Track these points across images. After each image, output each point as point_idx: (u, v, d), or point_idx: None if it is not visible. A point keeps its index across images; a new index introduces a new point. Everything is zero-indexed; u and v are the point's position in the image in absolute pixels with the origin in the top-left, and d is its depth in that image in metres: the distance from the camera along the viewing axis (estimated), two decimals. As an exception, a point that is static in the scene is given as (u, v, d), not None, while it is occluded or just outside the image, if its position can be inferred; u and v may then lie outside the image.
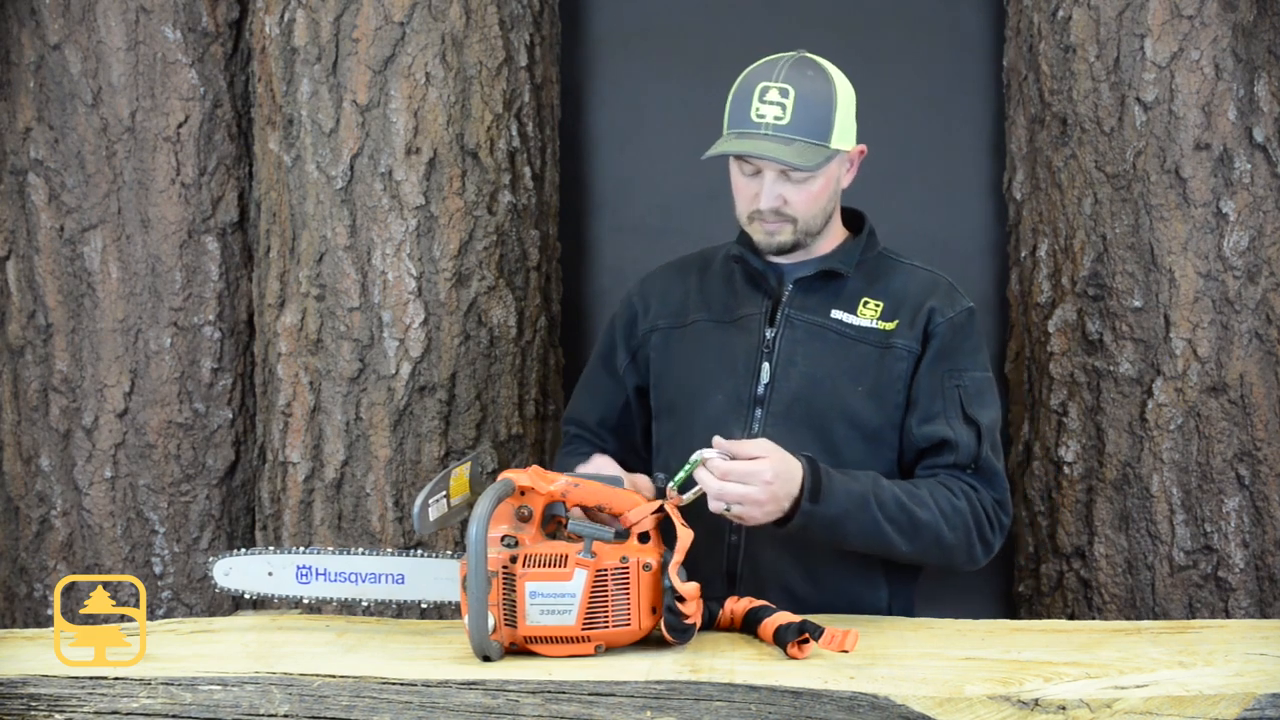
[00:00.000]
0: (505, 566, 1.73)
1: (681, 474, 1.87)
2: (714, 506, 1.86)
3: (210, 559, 2.02)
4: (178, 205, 3.04)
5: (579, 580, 1.73)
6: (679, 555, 1.76)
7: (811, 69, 2.09)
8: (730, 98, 2.12)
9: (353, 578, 1.99)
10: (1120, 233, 2.78)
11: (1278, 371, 2.74)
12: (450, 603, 1.98)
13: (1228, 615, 2.72)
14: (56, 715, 1.60)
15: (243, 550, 2.02)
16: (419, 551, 2.03)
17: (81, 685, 1.62)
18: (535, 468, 1.84)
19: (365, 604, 2.02)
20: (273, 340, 2.89)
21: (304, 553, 2.00)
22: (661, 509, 1.82)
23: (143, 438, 3.04)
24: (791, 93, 2.04)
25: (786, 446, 1.98)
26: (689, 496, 1.86)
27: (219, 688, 1.60)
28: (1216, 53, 2.72)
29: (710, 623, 1.85)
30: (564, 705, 1.55)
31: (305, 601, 2.02)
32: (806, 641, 1.68)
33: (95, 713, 1.60)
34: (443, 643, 1.83)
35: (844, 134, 2.11)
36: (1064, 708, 1.47)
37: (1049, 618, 2.90)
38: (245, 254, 3.12)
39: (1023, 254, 3.00)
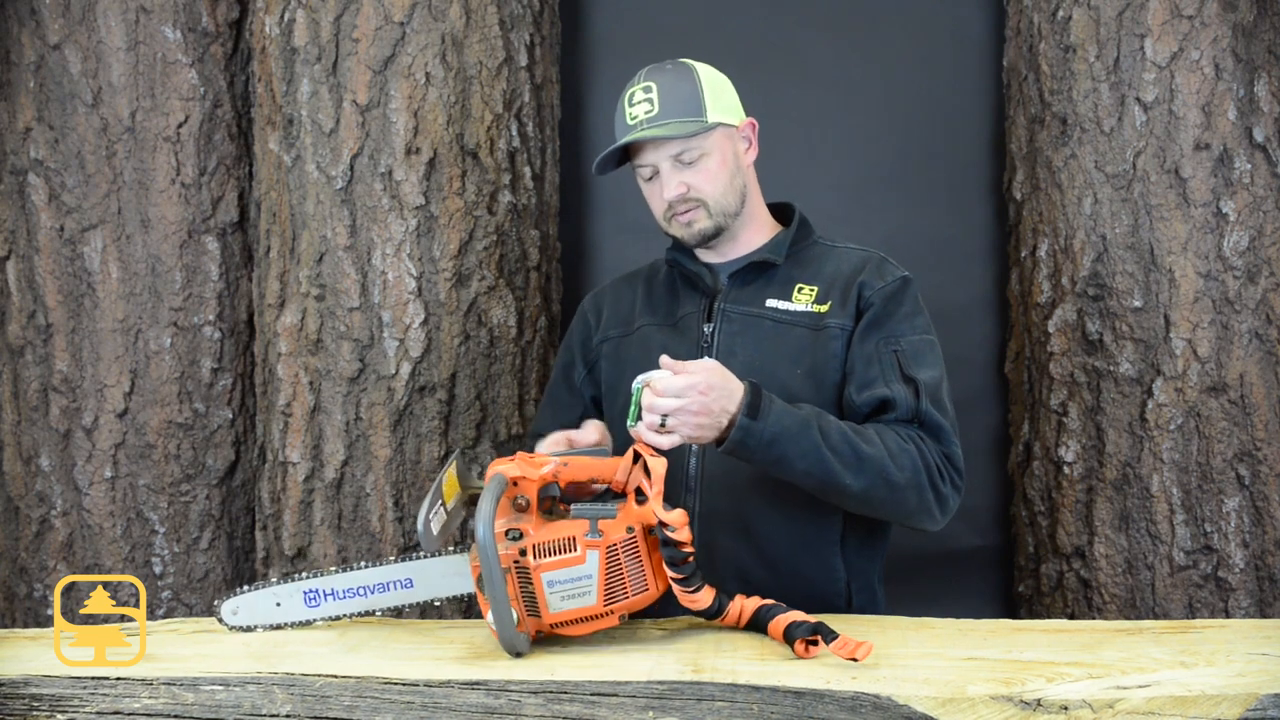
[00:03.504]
0: (516, 560, 1.75)
1: (632, 407, 1.88)
2: (647, 420, 1.86)
3: (215, 602, 2.00)
4: (178, 205, 3.04)
5: (592, 561, 1.74)
6: (658, 485, 1.77)
7: (670, 65, 2.18)
8: (614, 120, 2.21)
9: (361, 591, 1.98)
10: (1120, 233, 2.78)
11: (1278, 371, 2.74)
12: (461, 596, 1.98)
13: (1228, 615, 2.72)
14: (59, 715, 1.60)
15: (246, 588, 2.00)
16: (422, 554, 2.03)
17: (84, 685, 1.62)
18: (521, 455, 1.84)
19: (380, 612, 2.02)
20: (273, 340, 2.89)
21: (308, 577, 1.99)
22: (637, 455, 1.83)
23: (143, 438, 3.04)
24: (654, 87, 2.13)
25: None
26: (654, 435, 1.87)
27: (221, 688, 1.60)
28: (1216, 53, 2.72)
29: (719, 613, 1.84)
30: (566, 705, 1.54)
31: (318, 624, 2.01)
32: (816, 643, 1.68)
33: (97, 713, 1.59)
34: (445, 642, 1.83)
35: (722, 109, 2.16)
36: (1066, 708, 1.46)
37: (1049, 618, 2.90)
38: (245, 254, 3.12)
39: (1023, 254, 3.00)
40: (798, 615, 1.76)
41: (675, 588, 1.78)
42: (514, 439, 2.89)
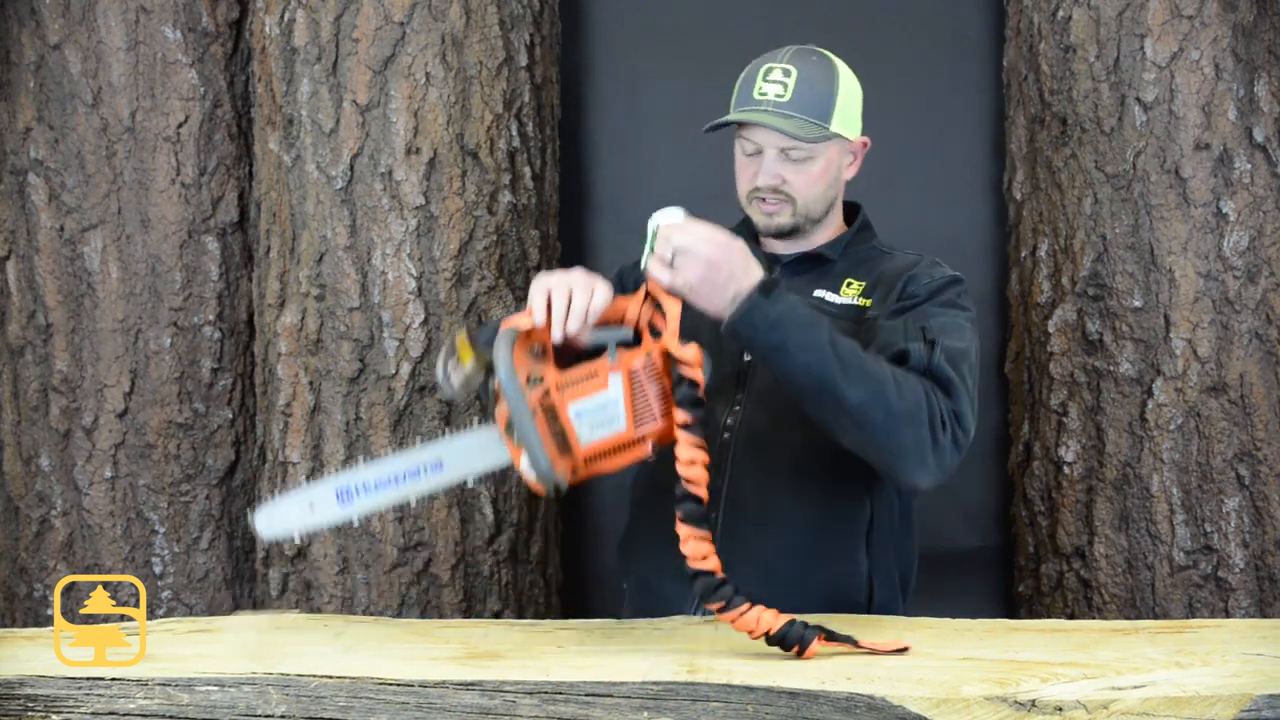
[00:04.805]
0: (541, 401, 1.72)
1: (646, 246, 1.82)
2: (659, 250, 1.79)
3: (249, 513, 1.95)
4: (178, 205, 3.05)
5: (616, 385, 1.72)
6: (673, 325, 1.75)
7: (816, 55, 2.12)
8: (738, 81, 2.14)
9: (393, 481, 1.91)
10: (1120, 233, 2.78)
11: (1278, 371, 2.74)
12: (495, 470, 1.94)
13: (1227, 615, 2.72)
14: (54, 716, 1.60)
15: (274, 496, 1.95)
16: (446, 431, 1.98)
17: (79, 686, 1.62)
18: (529, 308, 1.82)
19: (415, 502, 1.97)
20: (273, 340, 2.89)
21: (336, 474, 1.94)
22: (648, 294, 1.80)
23: (143, 438, 3.05)
24: (794, 73, 2.07)
25: (765, 422, 2.03)
26: (659, 269, 1.82)
27: (216, 688, 1.60)
28: (1216, 53, 2.72)
29: (719, 587, 1.74)
30: (561, 706, 1.54)
31: (356, 524, 1.94)
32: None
33: (92, 713, 1.60)
34: (441, 642, 1.83)
35: (846, 121, 2.11)
36: (1061, 709, 1.46)
37: (1050, 618, 2.90)
38: (245, 254, 3.12)
39: (1023, 254, 3.00)
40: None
41: (678, 413, 1.74)
42: (514, 439, 2.89)
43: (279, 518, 1.93)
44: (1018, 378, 3.05)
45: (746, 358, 2.11)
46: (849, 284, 2.12)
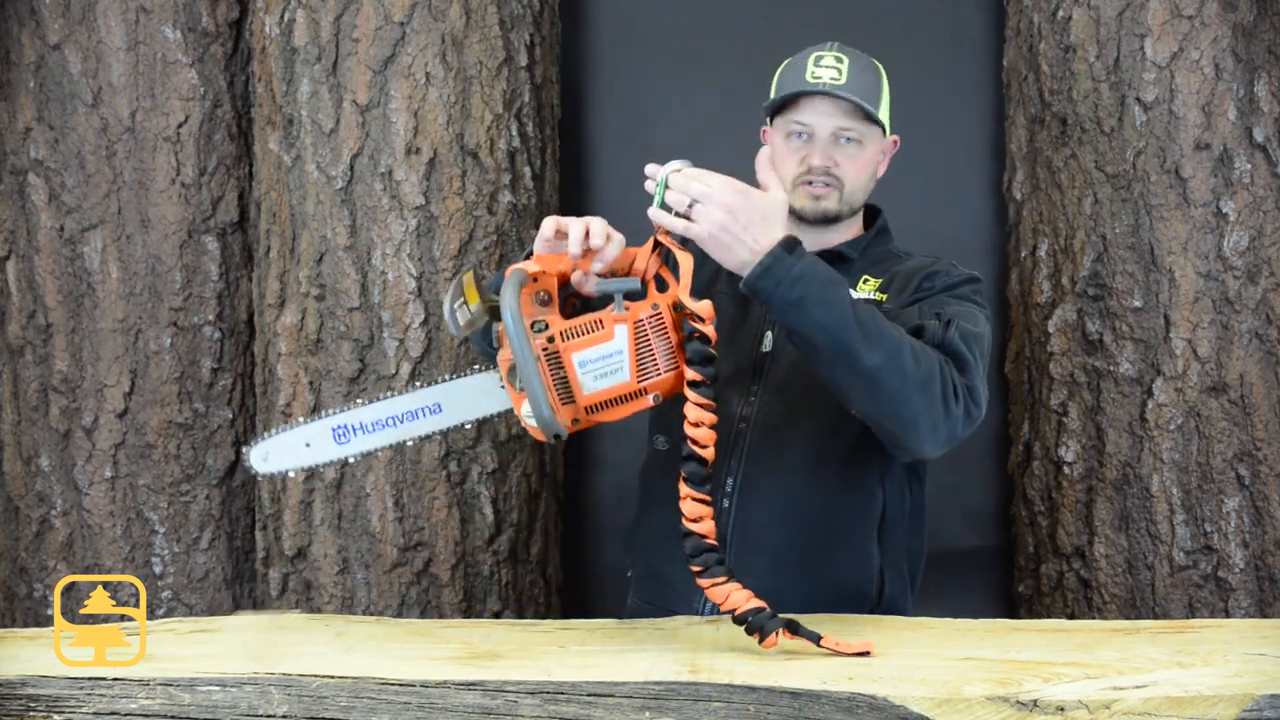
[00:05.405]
0: (545, 348, 1.71)
1: (657, 194, 1.77)
2: (672, 199, 1.74)
3: (245, 448, 1.94)
4: (178, 205, 3.05)
5: (621, 336, 1.71)
6: (685, 279, 1.73)
7: (859, 52, 2.16)
8: (779, 73, 2.16)
9: (391, 422, 1.92)
10: (1120, 233, 2.78)
11: (1278, 371, 2.74)
12: (493, 416, 1.93)
13: (1228, 615, 2.72)
14: (55, 716, 1.60)
15: (273, 431, 1.95)
16: (447, 377, 1.98)
17: (80, 686, 1.62)
18: (537, 254, 1.81)
19: (411, 443, 1.96)
20: (273, 340, 2.89)
21: (335, 414, 1.93)
22: (657, 244, 1.78)
23: (143, 438, 3.04)
24: (846, 60, 2.10)
25: (781, 414, 2.03)
26: (673, 218, 1.78)
27: (218, 688, 1.60)
28: (1216, 53, 2.72)
29: (710, 551, 1.73)
30: (563, 706, 1.54)
31: (352, 461, 1.95)
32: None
33: (94, 713, 1.60)
34: (442, 642, 1.83)
35: (887, 115, 2.16)
36: (1063, 709, 1.46)
37: (1050, 618, 2.90)
38: (245, 254, 3.12)
39: (1023, 254, 3.00)
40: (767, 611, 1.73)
41: (688, 372, 1.72)
42: (514, 439, 2.89)
43: (275, 454, 1.92)
44: (1018, 378, 3.05)
45: (764, 348, 2.12)
46: (865, 280, 2.13)
